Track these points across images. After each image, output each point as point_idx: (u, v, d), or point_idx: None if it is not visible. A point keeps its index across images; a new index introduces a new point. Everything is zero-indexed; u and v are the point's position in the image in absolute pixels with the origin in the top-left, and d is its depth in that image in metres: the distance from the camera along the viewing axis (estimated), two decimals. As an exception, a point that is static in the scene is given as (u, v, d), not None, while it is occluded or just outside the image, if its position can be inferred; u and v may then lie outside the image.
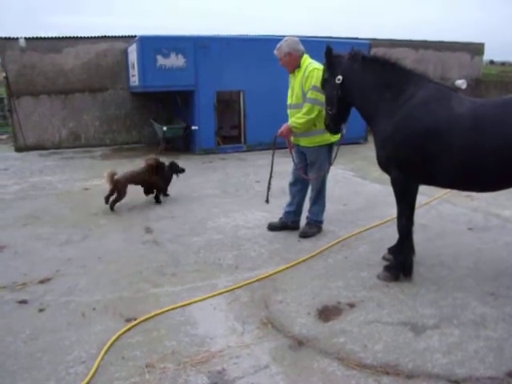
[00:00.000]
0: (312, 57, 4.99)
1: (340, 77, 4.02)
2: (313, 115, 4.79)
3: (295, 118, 4.89)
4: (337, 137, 4.90)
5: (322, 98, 4.54)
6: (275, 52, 4.89)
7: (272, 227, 5.45)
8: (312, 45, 10.67)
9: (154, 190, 6.88)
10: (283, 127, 4.95)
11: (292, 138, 5.09)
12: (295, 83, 4.95)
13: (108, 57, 12.45)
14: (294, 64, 4.92)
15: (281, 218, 5.49)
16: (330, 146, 5.06)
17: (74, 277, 4.27)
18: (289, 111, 5.11)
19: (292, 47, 4.85)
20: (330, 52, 4.09)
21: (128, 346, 3.14)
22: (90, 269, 4.46)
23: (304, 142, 5.02)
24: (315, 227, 5.29)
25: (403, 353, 2.99)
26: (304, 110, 4.83)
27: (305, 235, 5.18)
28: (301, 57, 4.91)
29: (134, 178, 6.62)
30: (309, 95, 4.79)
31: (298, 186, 5.33)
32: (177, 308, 3.63)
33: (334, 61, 4.09)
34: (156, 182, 6.83)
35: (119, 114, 12.93)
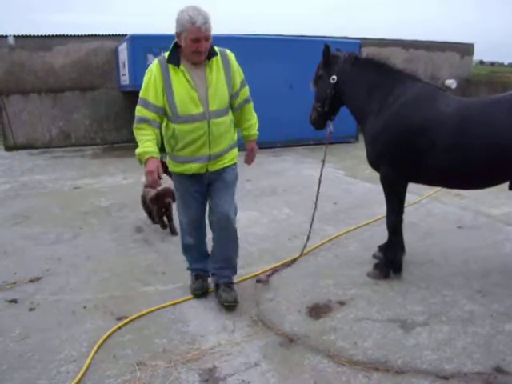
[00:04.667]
0: (304, 56, 4.86)
1: (335, 76, 4.07)
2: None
3: (254, 122, 3.72)
4: None
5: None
6: (202, 28, 3.03)
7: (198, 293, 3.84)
8: (301, 44, 10.82)
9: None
10: (254, 150, 3.84)
11: (197, 166, 3.42)
12: (214, 79, 3.28)
13: (98, 55, 12.39)
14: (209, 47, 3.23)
15: (199, 277, 3.91)
16: None
17: (64, 276, 4.26)
18: (201, 124, 3.27)
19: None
20: (327, 51, 4.14)
21: (119, 344, 3.14)
22: (81, 268, 4.45)
23: (227, 159, 3.52)
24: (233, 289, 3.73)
25: (393, 349, 3.02)
26: (248, 112, 3.66)
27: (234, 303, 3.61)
28: None
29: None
30: (245, 93, 3.58)
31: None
32: (168, 306, 3.63)
33: (331, 61, 4.13)
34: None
35: (110, 113, 12.88)
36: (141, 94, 3.28)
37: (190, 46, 3.12)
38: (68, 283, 4.11)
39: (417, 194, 6.34)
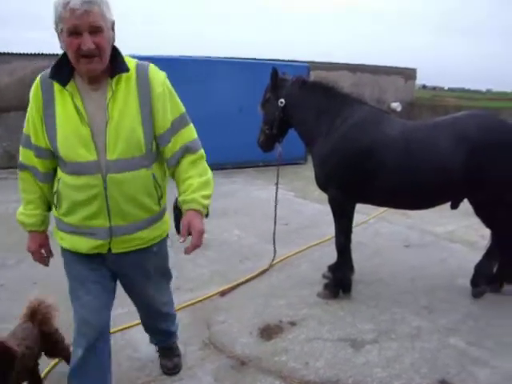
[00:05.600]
0: (254, 79, 4.85)
1: (283, 100, 4.13)
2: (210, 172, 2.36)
3: (197, 184, 2.23)
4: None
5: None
6: (79, 10, 1.90)
7: None
8: (250, 67, 10.94)
9: None
10: (194, 226, 2.15)
11: (91, 243, 2.26)
12: (119, 108, 2.11)
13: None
14: (108, 55, 2.08)
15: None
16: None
17: (7, 303, 4.07)
18: (93, 179, 2.14)
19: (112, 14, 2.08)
20: (275, 74, 4.21)
21: (67, 373, 3.02)
22: (25, 294, 4.26)
23: (147, 238, 2.38)
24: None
25: (343, 368, 3.05)
26: (190, 167, 2.29)
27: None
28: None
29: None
30: (184, 138, 2.31)
31: None
32: (117, 332, 3.53)
33: (279, 84, 4.20)
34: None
35: (57, 134, 12.58)
36: (24, 129, 2.27)
37: (70, 46, 1.94)
38: (11, 311, 3.93)
39: (365, 214, 6.47)
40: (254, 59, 12.51)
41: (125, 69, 2.09)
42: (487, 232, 4.25)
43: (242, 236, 5.95)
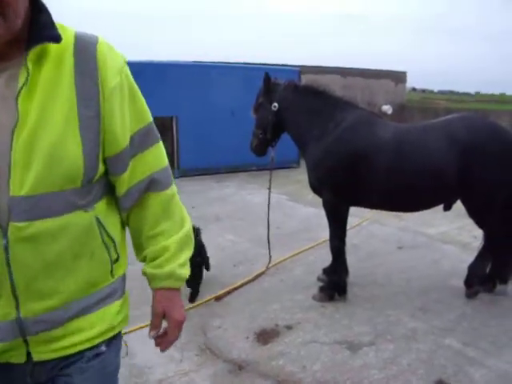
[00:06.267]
0: (246, 83, 4.86)
1: (276, 104, 4.15)
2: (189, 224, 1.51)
3: (174, 253, 1.41)
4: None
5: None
6: None
7: None
8: (243, 71, 10.99)
9: None
10: (172, 315, 1.46)
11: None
12: (39, 103, 1.15)
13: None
14: (21, 14, 1.12)
15: None
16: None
17: None
18: None
19: None
20: (268, 79, 4.24)
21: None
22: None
23: (88, 334, 1.31)
24: None
25: (341, 371, 3.06)
26: (159, 209, 1.43)
27: None
28: None
29: None
30: (147, 165, 1.39)
31: None
32: (112, 339, 3.52)
33: (272, 88, 4.23)
34: None
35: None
36: None
37: None
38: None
39: (358, 217, 6.49)
40: (246, 63, 12.55)
41: (52, 36, 1.17)
42: (479, 233, 4.29)
43: (235, 241, 5.95)
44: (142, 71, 10.39)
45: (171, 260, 1.40)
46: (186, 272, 1.44)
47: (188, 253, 1.46)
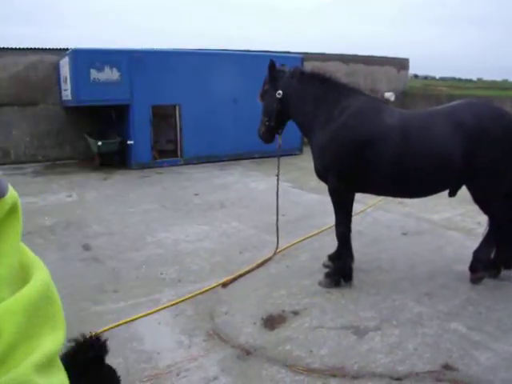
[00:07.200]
0: (248, 71, 4.90)
1: (280, 91, 4.15)
2: None
3: None
4: None
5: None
6: None
7: None
8: (245, 59, 10.97)
9: None
10: None
11: None
12: None
13: (38, 70, 12.03)
14: None
15: None
16: None
17: (9, 299, 4.09)
18: None
19: None
20: (273, 66, 4.23)
21: (72, 366, 3.05)
22: (27, 289, 4.28)
23: None
24: None
25: (348, 355, 3.09)
26: None
27: None
28: None
29: None
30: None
31: None
32: (121, 325, 3.56)
33: (277, 76, 4.22)
34: None
35: (51, 129, 12.51)
36: None
37: None
38: None
39: (362, 203, 6.51)
40: (247, 51, 12.50)
41: None
42: (483, 219, 4.31)
43: (240, 228, 5.98)
44: (145, 59, 10.39)
45: None
46: None
47: None
